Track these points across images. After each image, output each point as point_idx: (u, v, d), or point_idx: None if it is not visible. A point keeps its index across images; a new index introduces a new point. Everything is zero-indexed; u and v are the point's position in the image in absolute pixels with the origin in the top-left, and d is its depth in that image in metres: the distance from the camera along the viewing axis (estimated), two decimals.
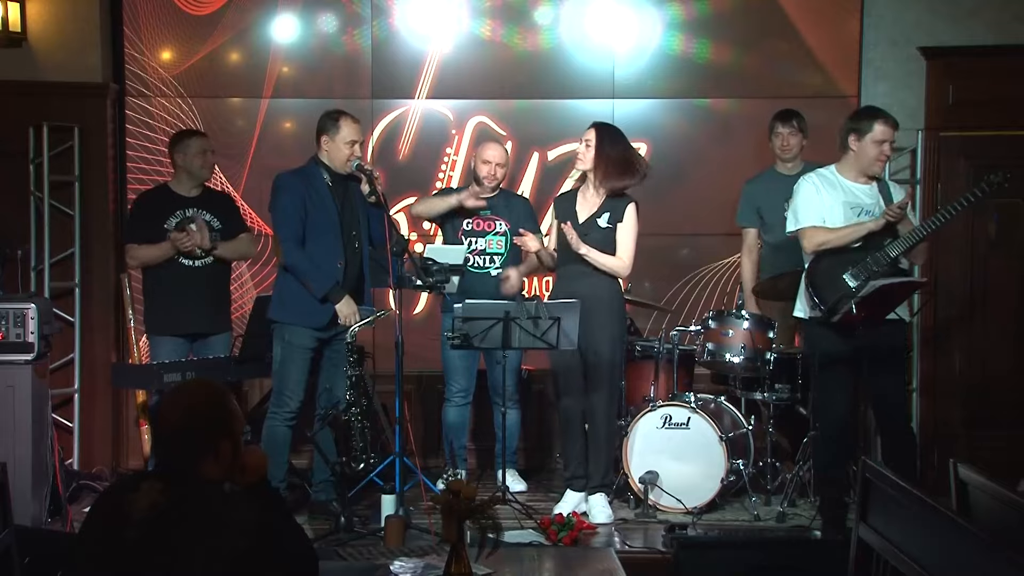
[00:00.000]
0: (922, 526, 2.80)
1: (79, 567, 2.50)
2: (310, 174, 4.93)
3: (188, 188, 5.38)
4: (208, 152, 5.40)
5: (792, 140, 5.51)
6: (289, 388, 4.91)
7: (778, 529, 4.94)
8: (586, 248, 4.82)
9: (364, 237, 5.00)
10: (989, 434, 5.84)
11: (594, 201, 4.94)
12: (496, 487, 4.96)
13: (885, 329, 4.59)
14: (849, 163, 4.70)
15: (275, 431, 4.91)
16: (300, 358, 4.91)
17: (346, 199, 4.95)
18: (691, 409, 5.14)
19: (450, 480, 3.24)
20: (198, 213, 5.32)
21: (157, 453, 2.64)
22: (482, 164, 5.36)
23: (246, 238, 5.51)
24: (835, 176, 4.72)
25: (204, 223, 5.28)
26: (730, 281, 6.11)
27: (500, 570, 3.24)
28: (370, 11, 6.12)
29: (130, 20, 6.04)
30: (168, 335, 5.33)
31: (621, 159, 4.87)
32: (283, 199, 4.90)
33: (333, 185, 4.93)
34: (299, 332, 4.89)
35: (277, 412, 4.92)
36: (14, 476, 4.00)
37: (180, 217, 5.29)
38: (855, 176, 4.69)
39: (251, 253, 5.69)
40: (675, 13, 6.13)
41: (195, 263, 5.29)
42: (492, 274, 5.39)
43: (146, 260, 5.35)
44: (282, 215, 4.90)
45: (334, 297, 4.83)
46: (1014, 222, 5.87)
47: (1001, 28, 5.92)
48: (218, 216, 5.39)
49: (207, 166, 5.40)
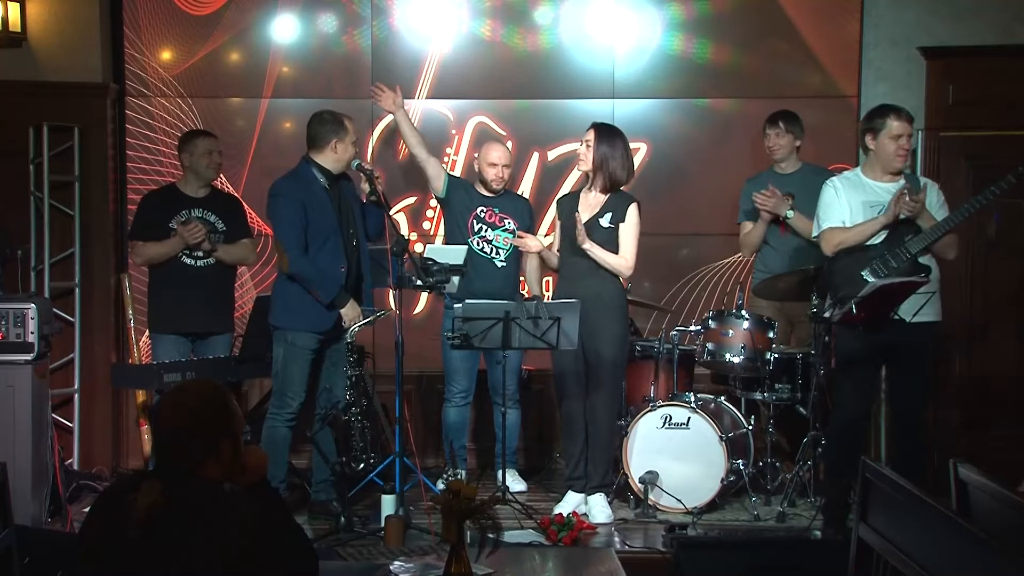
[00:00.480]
0: (922, 526, 2.79)
1: (79, 567, 2.50)
2: (306, 178, 4.90)
3: (195, 188, 5.39)
4: (214, 152, 5.40)
5: (780, 141, 5.52)
6: (291, 389, 4.90)
7: (778, 529, 4.94)
8: (590, 244, 4.82)
9: (361, 235, 5.00)
10: (989, 434, 5.85)
11: (596, 201, 4.94)
12: (496, 487, 4.96)
13: (910, 329, 4.55)
14: (871, 163, 4.73)
15: (275, 431, 4.90)
16: (303, 359, 4.91)
17: (341, 199, 4.96)
18: (691, 409, 5.14)
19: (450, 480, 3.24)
20: (204, 213, 5.34)
21: (157, 453, 2.63)
22: (488, 167, 5.37)
23: (247, 244, 5.50)
24: (859, 177, 4.75)
25: (202, 226, 5.28)
26: (730, 281, 6.12)
27: (500, 570, 3.24)
28: (370, 11, 6.12)
29: (130, 20, 6.04)
30: (170, 333, 5.33)
31: (621, 159, 4.88)
32: (284, 207, 4.86)
33: (329, 187, 4.92)
34: (302, 335, 4.89)
35: (278, 413, 4.91)
36: (14, 476, 4.00)
37: (185, 217, 5.30)
38: (878, 175, 4.70)
39: (250, 260, 5.67)
40: (675, 13, 6.13)
41: (198, 263, 5.30)
42: (497, 265, 5.41)
43: (152, 257, 5.35)
44: (285, 224, 4.86)
45: (340, 302, 4.83)
46: (1014, 222, 5.86)
47: (1001, 28, 5.92)
48: (223, 218, 5.39)
49: (213, 166, 5.40)
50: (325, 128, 4.92)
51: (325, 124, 4.93)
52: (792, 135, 5.53)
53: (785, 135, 5.52)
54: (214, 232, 5.35)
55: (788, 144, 5.53)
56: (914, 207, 4.54)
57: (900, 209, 4.54)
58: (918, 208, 4.55)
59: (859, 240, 4.64)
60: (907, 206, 4.52)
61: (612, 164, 4.87)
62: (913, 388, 4.73)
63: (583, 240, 4.80)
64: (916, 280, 4.49)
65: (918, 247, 4.56)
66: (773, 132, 5.54)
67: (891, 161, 4.65)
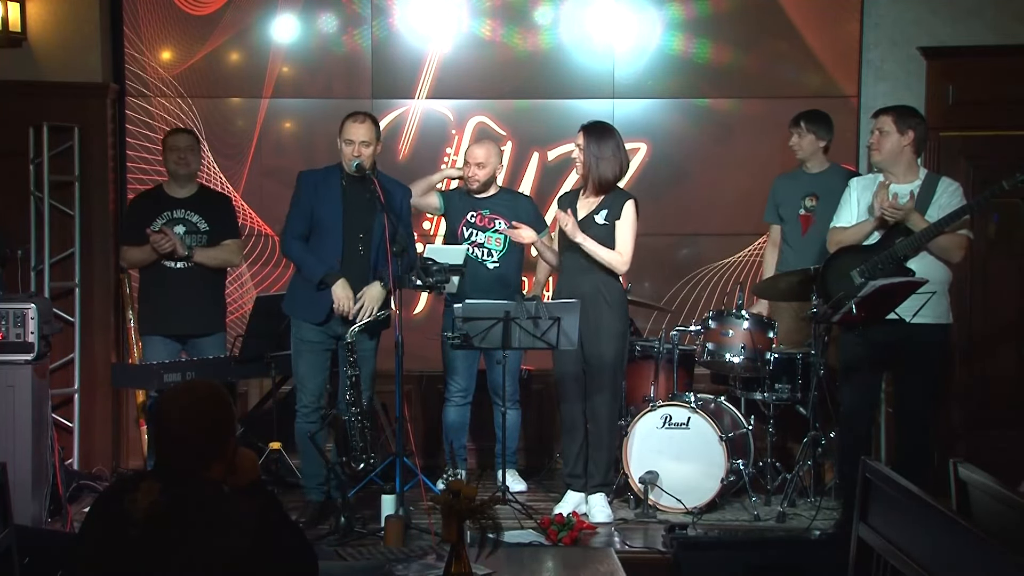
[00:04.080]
0: (922, 526, 2.80)
1: (79, 567, 2.50)
2: (329, 173, 4.96)
3: (175, 188, 5.38)
4: (182, 149, 5.34)
5: (802, 142, 5.49)
6: (299, 382, 4.96)
7: (778, 529, 4.94)
8: (582, 237, 4.81)
9: (373, 241, 4.89)
10: (989, 434, 5.85)
11: (592, 200, 4.95)
12: (496, 487, 4.96)
13: (913, 331, 4.54)
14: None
15: (297, 428, 4.96)
16: (307, 352, 4.92)
17: (359, 202, 4.89)
18: (691, 409, 5.14)
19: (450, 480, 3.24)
20: (187, 214, 5.32)
21: (159, 453, 2.62)
22: (465, 166, 5.41)
23: (230, 246, 5.43)
24: (875, 177, 4.79)
25: (175, 234, 5.24)
26: (730, 281, 6.11)
27: (500, 570, 3.25)
28: (370, 11, 6.12)
29: (130, 20, 6.04)
30: (157, 335, 5.35)
31: (611, 158, 4.87)
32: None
33: (347, 186, 4.91)
34: (303, 327, 4.92)
35: (297, 408, 4.97)
36: (14, 476, 4.00)
37: (167, 219, 5.29)
38: (891, 176, 4.71)
39: (234, 262, 5.59)
40: (675, 13, 6.13)
41: (177, 265, 5.28)
42: (489, 267, 5.40)
43: (134, 261, 5.39)
44: (290, 207, 4.97)
45: (329, 280, 4.83)
46: (1014, 222, 5.86)
47: (1001, 28, 5.92)
48: (206, 218, 5.36)
49: (181, 164, 5.34)
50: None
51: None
52: (814, 135, 5.47)
53: (807, 135, 5.47)
54: (196, 233, 5.32)
55: (810, 144, 5.48)
56: (894, 212, 4.54)
57: (880, 212, 4.56)
58: (899, 213, 4.55)
59: (855, 240, 4.68)
60: (886, 210, 4.55)
61: (601, 166, 4.86)
62: (914, 389, 4.73)
63: (574, 233, 4.79)
64: (916, 280, 4.49)
65: (905, 249, 4.57)
66: (795, 132, 5.51)
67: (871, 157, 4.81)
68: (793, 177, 5.58)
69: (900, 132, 4.65)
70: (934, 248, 4.59)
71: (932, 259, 4.63)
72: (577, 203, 4.98)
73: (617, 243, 4.89)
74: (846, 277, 4.61)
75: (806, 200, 5.45)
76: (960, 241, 4.66)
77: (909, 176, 4.70)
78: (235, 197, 5.96)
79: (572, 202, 5.00)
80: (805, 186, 5.46)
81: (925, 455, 4.74)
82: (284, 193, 5.98)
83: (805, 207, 5.45)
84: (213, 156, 6.09)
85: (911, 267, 4.59)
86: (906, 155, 4.69)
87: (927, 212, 4.60)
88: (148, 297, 5.40)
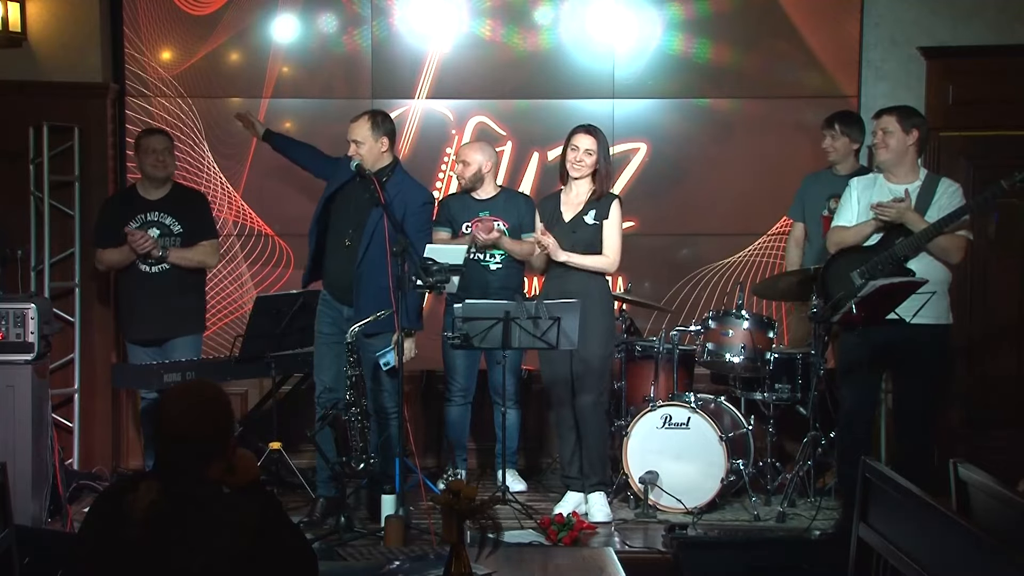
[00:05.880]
0: (922, 526, 2.80)
1: (79, 567, 2.50)
2: (343, 165, 4.96)
3: (149, 190, 5.37)
4: (159, 151, 5.33)
5: (836, 144, 5.46)
6: (314, 369, 5.05)
7: (778, 529, 4.94)
8: (566, 255, 4.85)
9: (364, 240, 4.85)
10: (989, 434, 5.85)
11: (579, 200, 4.97)
12: (496, 487, 4.97)
13: (912, 331, 4.54)
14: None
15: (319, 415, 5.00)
16: (320, 343, 5.01)
17: (359, 196, 4.88)
18: (691, 409, 5.14)
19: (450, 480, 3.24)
20: (160, 216, 5.31)
21: (159, 453, 2.62)
22: (454, 163, 5.42)
23: (205, 247, 5.41)
24: (876, 178, 4.79)
25: (150, 237, 5.23)
26: (730, 281, 6.11)
27: (500, 570, 3.24)
28: (370, 11, 6.11)
29: (130, 20, 6.04)
30: (136, 344, 5.38)
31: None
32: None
33: (351, 181, 4.91)
34: (321, 318, 5.01)
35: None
36: (14, 476, 4.01)
37: (140, 223, 5.28)
38: (891, 176, 4.72)
39: (209, 262, 5.54)
40: (675, 13, 6.13)
41: (153, 268, 5.28)
42: (491, 268, 5.40)
43: (110, 264, 5.38)
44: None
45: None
46: (1014, 222, 5.86)
47: (1001, 28, 5.92)
48: (180, 220, 5.34)
49: (158, 165, 5.33)
50: None
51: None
52: (848, 138, 5.44)
53: (840, 138, 5.45)
54: (169, 235, 5.31)
55: (844, 147, 5.45)
56: (890, 213, 4.55)
57: (877, 213, 4.56)
58: (894, 214, 4.55)
59: (856, 240, 4.68)
60: (875, 209, 4.55)
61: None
62: (914, 389, 4.73)
63: (556, 254, 4.83)
64: (916, 280, 4.49)
65: (904, 251, 4.57)
66: (828, 135, 5.47)
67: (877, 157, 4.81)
68: (821, 178, 5.56)
69: (905, 131, 4.65)
70: (934, 249, 4.59)
71: (932, 259, 4.63)
72: (560, 205, 4.99)
73: (605, 244, 4.91)
74: (846, 278, 4.61)
75: (830, 201, 5.40)
76: (960, 243, 4.66)
77: (910, 176, 4.71)
78: (235, 197, 5.96)
79: (554, 204, 5.02)
80: (831, 187, 5.42)
81: (925, 455, 4.74)
82: (284, 193, 6.02)
83: (829, 208, 5.40)
84: (213, 156, 6.09)
85: (911, 268, 4.59)
86: (910, 155, 4.69)
87: (927, 213, 4.60)
88: (122, 302, 5.42)
